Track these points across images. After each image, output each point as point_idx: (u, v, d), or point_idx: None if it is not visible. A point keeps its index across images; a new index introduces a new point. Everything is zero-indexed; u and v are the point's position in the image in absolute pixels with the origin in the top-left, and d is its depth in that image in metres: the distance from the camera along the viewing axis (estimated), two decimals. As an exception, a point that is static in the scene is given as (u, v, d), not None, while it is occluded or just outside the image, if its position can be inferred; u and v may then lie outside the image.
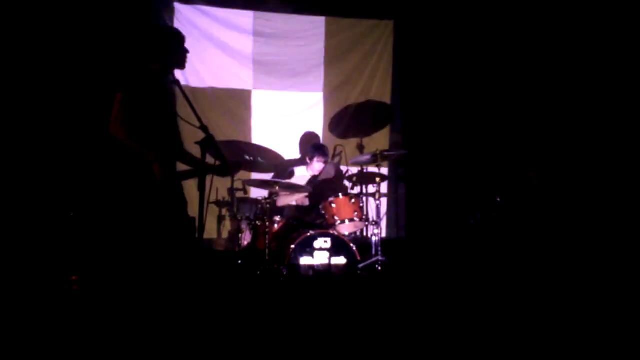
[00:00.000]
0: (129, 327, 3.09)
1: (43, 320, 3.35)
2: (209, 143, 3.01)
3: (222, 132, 5.59)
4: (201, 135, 3.09)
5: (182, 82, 3.65)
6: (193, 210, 3.20)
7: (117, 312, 3.24)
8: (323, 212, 4.94)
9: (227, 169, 3.39)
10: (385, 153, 5.19)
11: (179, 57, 3.36)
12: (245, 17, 5.89)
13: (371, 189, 5.29)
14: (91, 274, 3.95)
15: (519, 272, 4.78)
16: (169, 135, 3.30)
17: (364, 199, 5.22)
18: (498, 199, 5.16)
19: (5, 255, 4.24)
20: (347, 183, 5.39)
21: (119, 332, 3.05)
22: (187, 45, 5.76)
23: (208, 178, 3.02)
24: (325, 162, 5.37)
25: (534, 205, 5.26)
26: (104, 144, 3.42)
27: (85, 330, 3.13)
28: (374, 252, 4.87)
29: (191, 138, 3.27)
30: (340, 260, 4.57)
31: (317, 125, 6.03)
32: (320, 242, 4.55)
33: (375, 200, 5.07)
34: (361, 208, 4.97)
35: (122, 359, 2.80)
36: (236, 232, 4.91)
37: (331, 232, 4.64)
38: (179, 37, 3.37)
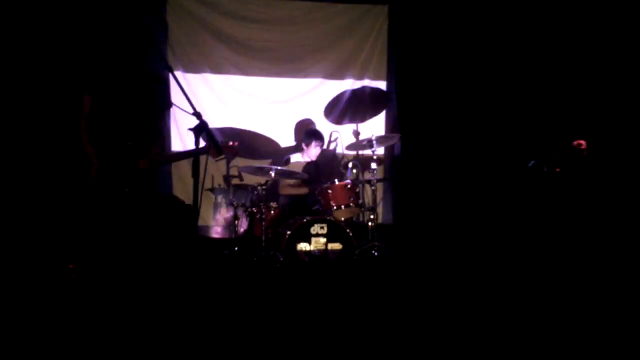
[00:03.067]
0: (126, 316, 3.11)
1: (42, 308, 3.36)
2: (202, 129, 3.00)
3: (216, 119, 5.57)
4: (195, 121, 3.08)
5: (176, 69, 3.63)
6: (188, 198, 3.20)
7: (114, 301, 3.26)
8: (319, 198, 4.94)
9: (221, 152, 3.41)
10: (381, 138, 5.18)
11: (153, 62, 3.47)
12: (238, 3, 5.84)
13: (367, 174, 5.29)
14: (89, 263, 3.96)
15: (515, 259, 4.81)
16: (140, 138, 3.41)
17: (361, 185, 5.22)
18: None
19: (3, 247, 4.25)
20: (343, 171, 5.38)
21: (116, 319, 3.06)
22: (179, 31, 5.76)
23: (202, 165, 3.01)
24: (322, 147, 5.36)
25: (535, 189, 5.26)
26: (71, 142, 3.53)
27: (83, 317, 3.13)
28: (370, 237, 4.87)
29: (185, 124, 3.27)
30: (337, 246, 4.57)
31: (312, 111, 6.01)
32: (316, 228, 4.55)
33: (372, 186, 5.07)
34: (357, 194, 4.96)
35: (120, 346, 2.81)
36: (232, 219, 4.92)
37: (328, 218, 4.64)
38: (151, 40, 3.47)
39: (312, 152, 5.38)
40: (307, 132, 5.52)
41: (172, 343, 2.83)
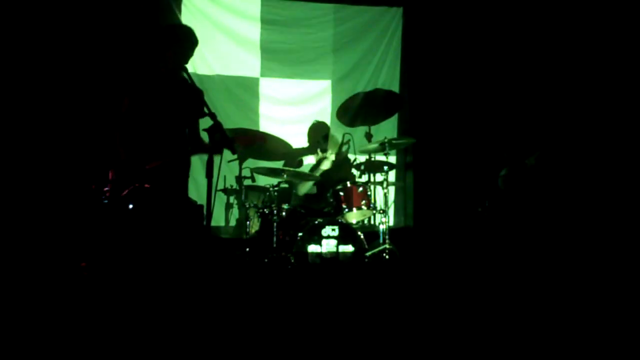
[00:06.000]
0: (137, 315, 3.12)
1: (54, 306, 3.38)
2: (216, 130, 3.01)
3: (230, 120, 5.57)
4: (210, 122, 3.09)
5: (190, 70, 3.65)
6: (201, 198, 3.21)
7: (126, 299, 3.27)
8: (331, 200, 4.93)
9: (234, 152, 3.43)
10: (394, 141, 5.17)
11: (187, 54, 3.49)
12: (253, 4, 5.86)
13: (379, 177, 5.28)
14: (100, 262, 3.98)
15: (525, 261, 4.77)
16: (171, 137, 3.41)
17: (372, 187, 5.20)
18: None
19: (15, 245, 4.29)
20: (354, 171, 5.38)
21: (127, 317, 3.08)
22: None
23: (216, 166, 3.02)
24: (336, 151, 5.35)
25: (539, 194, 5.23)
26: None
27: (94, 315, 3.15)
28: (381, 240, 4.86)
29: (200, 125, 3.29)
30: (348, 248, 4.56)
31: (325, 113, 6.01)
32: (328, 230, 4.53)
33: (383, 188, 5.05)
34: (369, 196, 4.95)
35: (131, 344, 2.82)
36: (244, 219, 4.92)
37: (339, 220, 4.64)
38: (187, 35, 3.48)
39: (328, 157, 5.38)
40: (324, 138, 5.51)
41: (181, 342, 2.84)
